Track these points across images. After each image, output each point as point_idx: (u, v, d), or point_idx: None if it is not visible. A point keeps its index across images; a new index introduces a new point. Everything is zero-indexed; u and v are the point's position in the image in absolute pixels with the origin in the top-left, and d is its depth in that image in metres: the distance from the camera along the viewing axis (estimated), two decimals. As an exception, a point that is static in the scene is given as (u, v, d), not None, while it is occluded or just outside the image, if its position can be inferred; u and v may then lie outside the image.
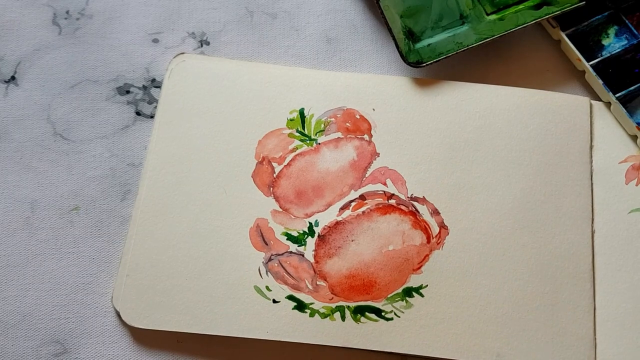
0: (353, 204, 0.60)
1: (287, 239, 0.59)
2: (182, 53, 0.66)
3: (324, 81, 0.65)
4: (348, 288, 0.57)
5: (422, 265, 0.58)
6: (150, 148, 0.62)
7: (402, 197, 0.60)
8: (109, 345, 0.58)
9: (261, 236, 0.59)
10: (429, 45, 0.64)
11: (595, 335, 0.57)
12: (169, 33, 0.68)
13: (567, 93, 0.65)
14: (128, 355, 0.57)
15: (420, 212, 0.60)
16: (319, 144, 0.62)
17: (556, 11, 0.65)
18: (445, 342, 0.56)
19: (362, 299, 0.57)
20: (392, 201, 0.60)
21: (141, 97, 0.65)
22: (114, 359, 0.57)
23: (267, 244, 0.59)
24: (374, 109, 0.63)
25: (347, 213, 0.60)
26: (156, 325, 0.57)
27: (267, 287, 0.58)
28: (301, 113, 0.63)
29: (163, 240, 0.59)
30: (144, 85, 0.66)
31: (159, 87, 0.65)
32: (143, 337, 0.58)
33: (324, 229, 0.59)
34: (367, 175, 0.61)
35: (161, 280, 0.58)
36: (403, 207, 0.60)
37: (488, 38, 0.64)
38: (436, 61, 0.64)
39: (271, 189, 0.61)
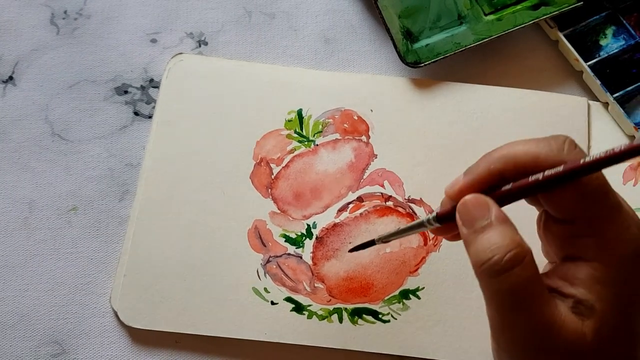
0: (351, 206, 0.60)
1: (285, 241, 0.59)
2: (180, 53, 0.66)
3: (322, 81, 0.65)
4: (345, 290, 0.58)
5: (418, 268, 0.58)
6: (149, 148, 0.62)
7: (400, 199, 0.60)
8: (107, 345, 0.58)
9: (259, 238, 0.59)
10: (427, 45, 0.64)
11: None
12: (167, 33, 0.68)
13: (564, 93, 0.65)
14: (126, 356, 0.58)
15: (418, 214, 0.60)
16: (317, 145, 0.62)
17: (554, 11, 0.65)
18: (442, 344, 0.56)
19: (360, 301, 0.57)
20: (390, 203, 0.60)
21: (139, 97, 0.65)
22: (112, 358, 0.57)
23: (265, 246, 0.59)
24: (371, 110, 0.63)
25: (345, 215, 0.60)
26: (154, 325, 0.57)
27: (265, 289, 0.58)
28: (299, 114, 0.63)
29: (161, 240, 0.59)
30: (142, 86, 0.65)
31: (157, 87, 0.65)
32: (141, 338, 0.58)
33: (322, 231, 0.59)
34: (364, 177, 0.61)
35: (159, 280, 0.58)
36: (400, 209, 0.60)
37: (486, 38, 0.64)
38: (434, 61, 0.64)
39: (269, 190, 0.61)
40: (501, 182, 0.41)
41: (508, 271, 0.39)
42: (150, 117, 0.64)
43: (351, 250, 0.55)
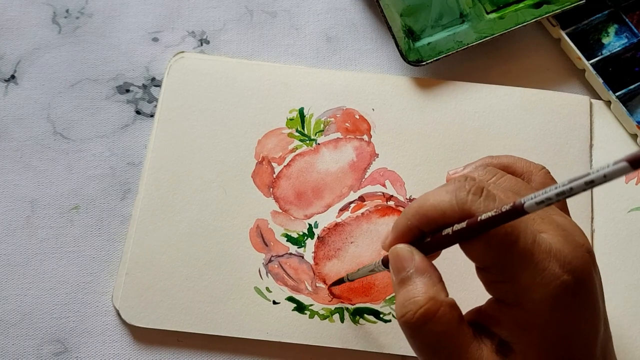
0: (352, 205, 0.60)
1: (287, 241, 0.59)
2: (182, 52, 0.66)
3: (324, 80, 0.65)
4: (347, 290, 0.58)
5: (420, 268, 0.58)
6: (150, 147, 0.62)
7: (401, 198, 0.61)
8: (109, 344, 0.58)
9: (261, 237, 0.59)
10: (428, 43, 0.64)
11: (593, 335, 0.57)
12: (168, 32, 0.68)
13: (567, 92, 0.65)
14: (128, 354, 0.58)
15: (419, 214, 0.60)
16: (319, 144, 0.62)
17: (556, 10, 0.65)
18: (444, 343, 0.56)
19: (361, 300, 0.57)
20: (391, 203, 0.60)
21: (141, 96, 0.65)
22: (114, 357, 0.58)
23: (267, 245, 0.59)
24: (373, 109, 0.63)
25: (347, 215, 0.60)
26: (156, 324, 0.57)
27: (267, 288, 0.58)
28: (301, 112, 0.63)
29: (163, 239, 0.59)
30: (143, 84, 0.66)
31: (158, 86, 0.65)
32: (143, 336, 0.58)
33: (324, 230, 0.59)
34: (366, 177, 0.61)
35: (161, 279, 0.58)
36: (402, 209, 0.60)
37: (488, 37, 0.64)
38: (436, 60, 0.64)
39: (271, 189, 0.61)
40: (423, 234, 0.43)
41: (421, 327, 0.40)
42: (152, 115, 0.64)
43: (330, 286, 0.58)
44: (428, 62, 0.64)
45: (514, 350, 0.40)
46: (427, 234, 0.43)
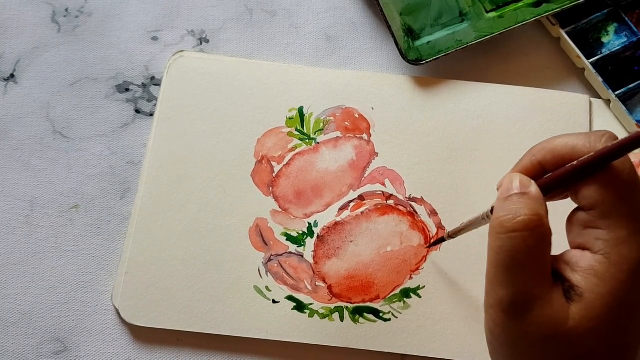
0: (352, 204, 0.60)
1: (286, 240, 0.59)
2: (182, 51, 0.66)
3: (324, 79, 0.65)
4: (347, 289, 0.58)
5: (419, 266, 0.58)
6: (150, 146, 0.62)
7: (401, 197, 0.60)
8: (109, 342, 0.58)
9: (261, 236, 0.59)
10: (428, 42, 0.64)
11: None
12: (168, 31, 0.68)
13: (566, 90, 0.65)
14: (128, 353, 0.58)
15: (419, 213, 0.60)
16: (318, 143, 0.62)
17: (556, 8, 0.65)
18: (442, 342, 0.56)
19: (361, 299, 0.57)
20: (391, 202, 0.60)
21: (140, 95, 0.65)
22: (113, 356, 0.58)
23: (266, 244, 0.59)
24: (372, 108, 0.63)
25: (346, 214, 0.60)
26: (155, 323, 0.57)
27: (266, 288, 0.58)
28: (300, 111, 0.63)
29: (162, 238, 0.59)
30: (143, 83, 0.65)
31: (158, 85, 0.65)
32: (143, 335, 0.58)
33: (323, 229, 0.59)
34: (365, 175, 0.61)
35: (160, 278, 0.58)
36: (401, 208, 0.60)
37: (487, 36, 0.64)
38: (436, 59, 0.64)
39: (270, 188, 0.61)
40: (544, 173, 0.43)
41: (513, 232, 0.40)
42: (151, 114, 0.64)
43: (428, 247, 0.58)
44: (427, 61, 0.64)
45: (582, 296, 0.39)
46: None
